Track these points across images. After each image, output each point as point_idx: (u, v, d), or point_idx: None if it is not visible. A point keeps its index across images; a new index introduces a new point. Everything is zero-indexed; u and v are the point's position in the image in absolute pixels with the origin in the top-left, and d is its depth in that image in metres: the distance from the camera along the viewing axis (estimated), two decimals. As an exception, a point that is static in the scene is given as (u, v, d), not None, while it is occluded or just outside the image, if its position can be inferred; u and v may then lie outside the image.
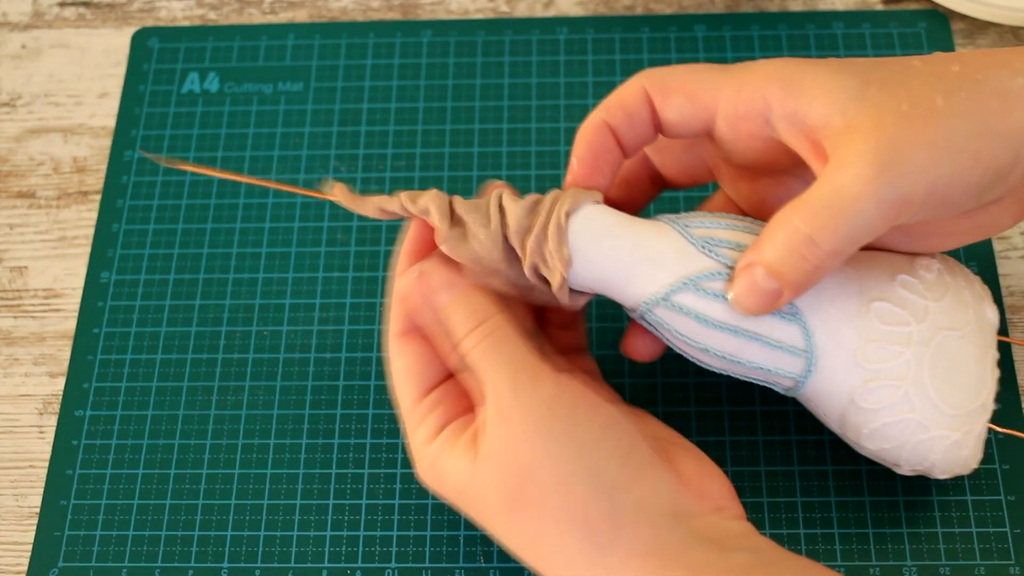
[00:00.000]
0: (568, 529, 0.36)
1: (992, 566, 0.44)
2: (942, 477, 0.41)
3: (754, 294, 0.37)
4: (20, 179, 0.56)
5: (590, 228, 0.39)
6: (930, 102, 0.36)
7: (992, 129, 0.36)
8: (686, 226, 0.39)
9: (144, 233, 0.53)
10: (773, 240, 0.37)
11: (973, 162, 0.36)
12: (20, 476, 0.48)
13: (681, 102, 0.40)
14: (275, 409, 0.49)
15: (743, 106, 0.39)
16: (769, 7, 0.58)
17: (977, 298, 0.41)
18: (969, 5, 0.56)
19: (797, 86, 0.38)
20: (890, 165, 0.35)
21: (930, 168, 0.36)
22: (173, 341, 0.51)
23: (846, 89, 0.37)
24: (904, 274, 0.40)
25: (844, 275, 0.39)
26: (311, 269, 0.52)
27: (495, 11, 0.59)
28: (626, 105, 0.40)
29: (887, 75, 0.38)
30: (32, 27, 0.60)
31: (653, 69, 0.41)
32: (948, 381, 0.39)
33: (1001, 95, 0.37)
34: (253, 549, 0.46)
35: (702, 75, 0.40)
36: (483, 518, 0.38)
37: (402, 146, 0.55)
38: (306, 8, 0.60)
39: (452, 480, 0.38)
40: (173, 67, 0.58)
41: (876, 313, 0.39)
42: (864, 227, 0.36)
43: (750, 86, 0.39)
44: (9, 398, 0.50)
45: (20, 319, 0.52)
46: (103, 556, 0.46)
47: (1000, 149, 0.36)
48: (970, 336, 0.40)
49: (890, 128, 0.36)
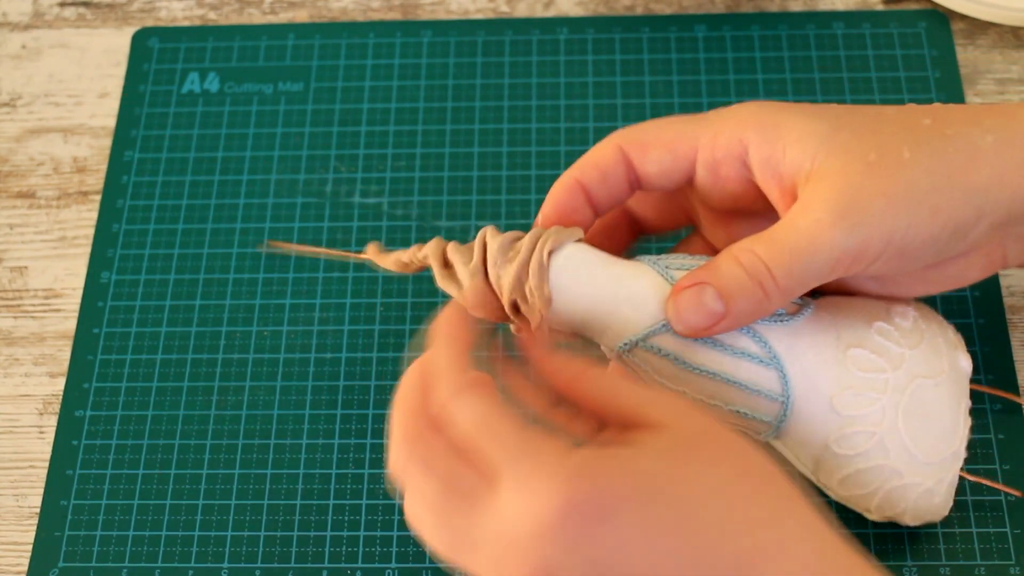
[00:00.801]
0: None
1: (992, 566, 0.44)
2: (912, 524, 0.41)
3: (699, 313, 0.38)
4: (20, 179, 0.56)
5: (572, 267, 0.39)
6: (897, 153, 0.37)
7: (955, 185, 0.37)
8: (666, 267, 0.39)
9: (144, 233, 0.53)
10: (730, 265, 0.37)
11: (931, 215, 0.37)
12: (20, 476, 0.48)
13: (661, 155, 0.40)
14: (275, 409, 0.49)
15: (721, 151, 0.39)
16: (769, 7, 0.58)
17: (951, 346, 0.41)
18: (969, 5, 0.56)
19: (773, 131, 0.38)
20: (847, 213, 0.36)
21: (887, 218, 0.36)
22: (173, 341, 0.51)
23: (817, 134, 0.38)
24: (880, 321, 0.40)
25: (821, 322, 0.40)
26: (311, 269, 0.52)
27: (495, 11, 0.59)
28: (600, 165, 0.41)
29: (859, 122, 0.38)
30: (32, 27, 0.60)
31: (626, 128, 0.41)
32: (922, 429, 0.39)
33: (968, 152, 0.37)
34: (253, 549, 0.46)
35: (678, 126, 0.40)
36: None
37: (402, 146, 0.55)
38: (306, 8, 0.60)
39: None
40: (173, 67, 0.58)
41: (853, 360, 0.39)
42: (817, 270, 0.37)
43: (727, 132, 0.39)
44: (9, 398, 0.50)
45: (20, 319, 0.52)
46: (103, 556, 0.46)
47: (960, 204, 0.37)
48: (944, 384, 0.40)
49: (853, 176, 0.36)
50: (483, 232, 0.40)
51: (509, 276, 0.39)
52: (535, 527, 0.32)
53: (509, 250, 0.39)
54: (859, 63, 0.56)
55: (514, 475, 0.33)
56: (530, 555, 0.33)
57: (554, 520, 0.32)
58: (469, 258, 0.40)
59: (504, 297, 0.39)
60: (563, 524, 0.32)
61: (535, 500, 0.32)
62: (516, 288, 0.39)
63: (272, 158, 0.55)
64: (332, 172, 0.55)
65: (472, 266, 0.39)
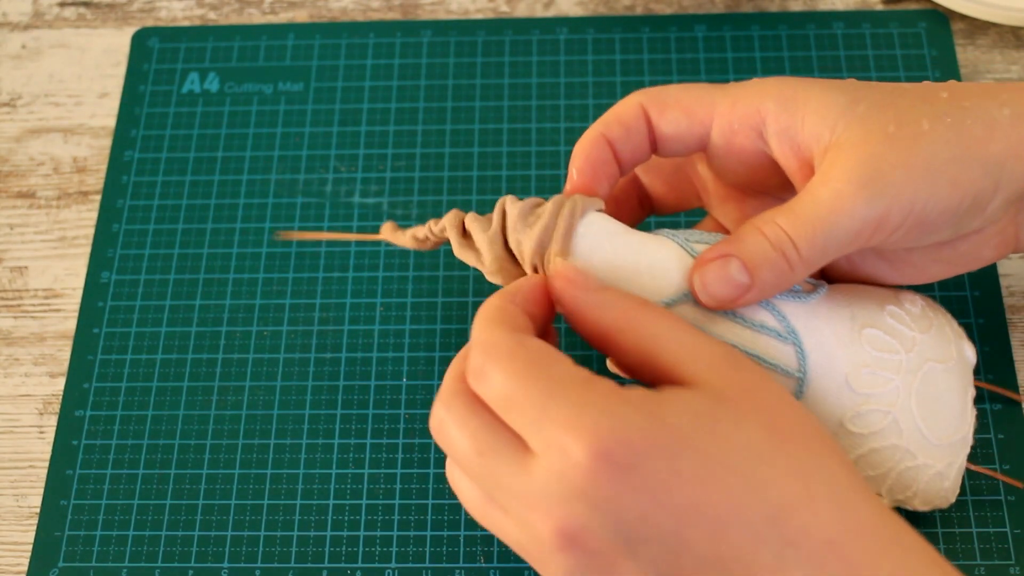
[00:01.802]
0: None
1: (992, 566, 0.44)
2: (921, 508, 0.41)
3: (725, 285, 0.38)
4: (20, 179, 0.56)
5: (593, 234, 0.39)
6: (916, 124, 0.37)
7: (973, 156, 0.37)
8: (687, 240, 0.40)
9: (144, 233, 0.53)
10: (755, 237, 0.38)
11: (951, 187, 0.37)
12: (20, 476, 0.48)
13: (678, 116, 0.40)
14: (275, 409, 0.49)
15: (738, 120, 0.39)
16: (769, 7, 0.58)
17: (957, 335, 0.42)
18: (969, 5, 0.56)
19: (791, 103, 0.39)
20: (869, 184, 0.36)
21: (908, 188, 0.37)
22: (173, 341, 0.51)
23: (837, 106, 0.38)
24: (892, 305, 0.41)
25: (836, 302, 0.40)
26: (311, 269, 0.52)
27: (495, 11, 0.59)
28: (624, 120, 0.41)
29: (877, 95, 0.38)
30: (32, 27, 0.60)
31: (649, 88, 0.41)
32: (934, 411, 0.39)
33: (985, 123, 0.37)
34: (253, 549, 0.46)
35: (698, 91, 0.41)
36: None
37: (402, 146, 0.55)
38: (306, 8, 0.60)
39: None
40: (173, 67, 0.58)
41: (868, 339, 0.39)
42: (839, 240, 0.37)
43: (745, 100, 0.39)
44: (9, 398, 0.50)
45: (20, 319, 0.52)
46: (103, 556, 0.46)
47: (979, 175, 0.37)
48: (953, 370, 0.40)
49: (874, 147, 0.37)
50: (502, 200, 0.40)
51: (531, 241, 0.39)
52: (561, 483, 0.33)
53: (529, 215, 0.39)
54: (859, 63, 0.56)
55: (542, 431, 0.33)
56: (555, 511, 0.33)
57: (579, 474, 0.32)
58: (487, 227, 0.40)
59: (525, 263, 0.39)
60: (589, 478, 0.32)
61: (561, 455, 0.33)
62: (537, 253, 0.39)
63: (272, 158, 0.55)
64: (332, 172, 0.55)
65: (491, 233, 0.40)
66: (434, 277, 0.51)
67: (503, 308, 0.37)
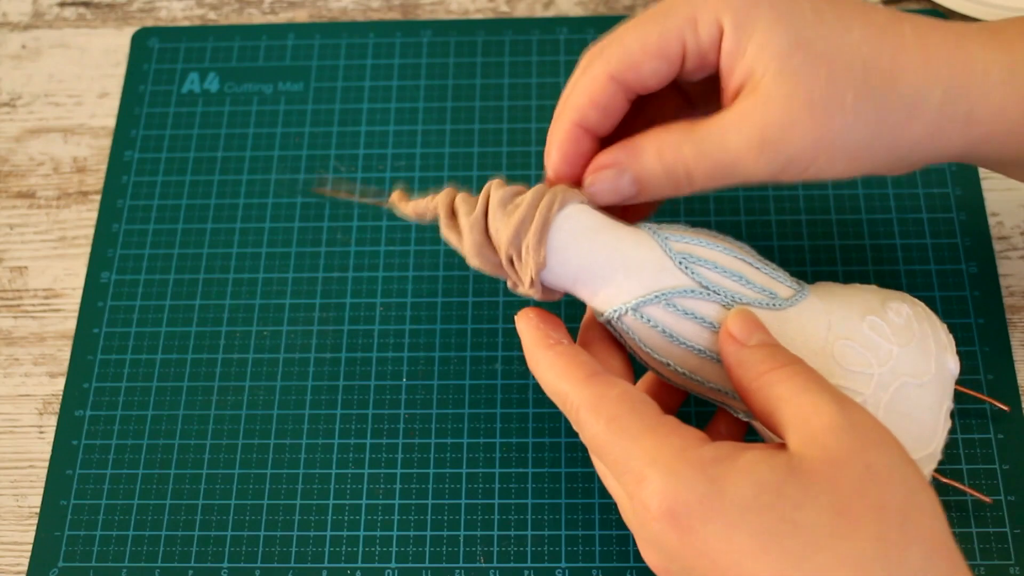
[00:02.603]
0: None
1: (992, 566, 0.44)
2: None
3: (612, 193, 0.40)
4: (20, 179, 0.56)
5: (570, 228, 0.39)
6: (840, 97, 0.37)
7: (884, 141, 0.38)
8: (666, 238, 0.39)
9: (144, 233, 0.53)
10: (653, 159, 0.39)
11: (849, 163, 0.38)
12: (20, 476, 0.48)
13: (656, 65, 0.39)
14: (275, 409, 0.49)
15: (705, 40, 0.39)
16: (769, 7, 0.58)
17: (941, 347, 0.41)
18: (969, 5, 0.56)
19: (743, 28, 0.38)
20: (770, 147, 0.37)
21: (806, 159, 0.38)
22: (173, 341, 0.51)
23: (777, 48, 0.38)
24: (874, 316, 0.40)
25: (814, 310, 0.39)
26: (311, 269, 0.52)
27: (495, 11, 0.59)
28: (598, 102, 0.40)
29: (822, 41, 0.38)
30: (32, 27, 0.60)
31: (603, 50, 0.40)
32: (902, 428, 0.39)
33: (912, 104, 0.38)
34: (253, 549, 0.46)
35: (658, 25, 0.39)
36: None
37: (402, 146, 0.55)
38: (306, 8, 0.60)
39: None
40: (173, 67, 0.58)
41: (841, 353, 0.39)
42: (732, 181, 0.39)
43: (705, 16, 0.38)
44: (9, 398, 0.50)
45: (20, 319, 0.52)
46: (103, 556, 0.46)
47: (883, 157, 0.38)
48: (929, 385, 0.40)
49: (791, 113, 0.37)
50: (489, 183, 0.40)
51: (508, 230, 0.39)
52: (643, 528, 0.35)
53: (509, 203, 0.39)
54: (859, 63, 0.56)
55: (623, 479, 0.35)
56: (645, 545, 0.36)
57: (651, 523, 0.34)
58: (470, 208, 0.40)
59: (501, 252, 0.39)
60: (658, 529, 0.34)
61: (640, 504, 0.34)
62: (513, 244, 0.39)
63: (272, 158, 0.55)
64: (332, 172, 0.55)
65: (472, 217, 0.40)
66: (434, 277, 0.51)
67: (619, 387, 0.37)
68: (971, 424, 0.46)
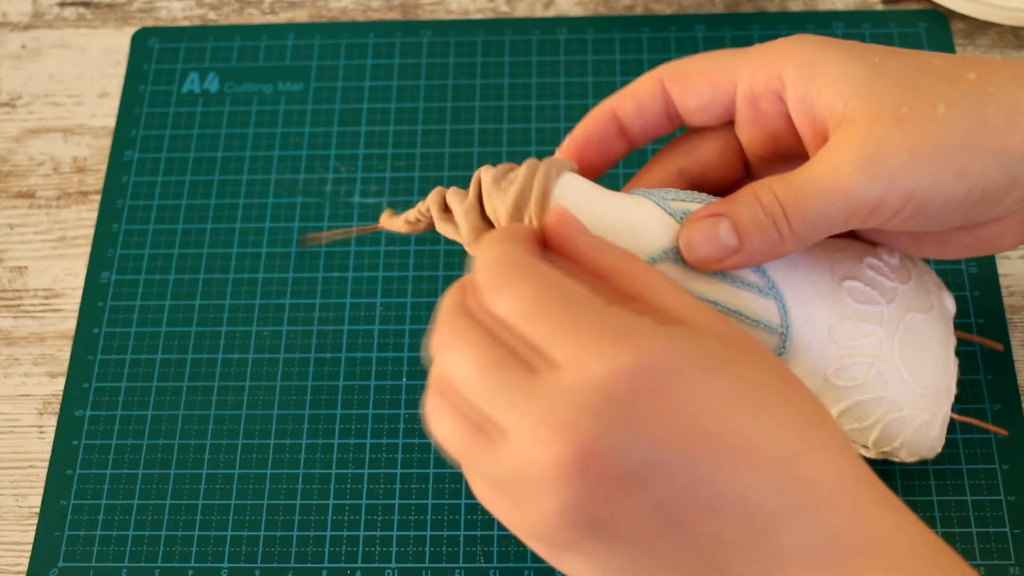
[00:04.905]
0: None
1: (992, 566, 0.44)
2: (908, 460, 0.41)
3: (711, 245, 0.37)
4: (20, 179, 0.56)
5: (571, 194, 0.39)
6: (931, 108, 0.36)
7: (987, 147, 0.36)
8: (664, 198, 0.39)
9: (144, 233, 0.53)
10: (750, 202, 0.37)
11: (957, 177, 0.36)
12: (20, 476, 0.48)
13: (701, 88, 0.40)
14: (275, 409, 0.49)
15: (760, 85, 0.39)
16: (769, 7, 0.58)
17: (936, 286, 0.42)
18: (969, 5, 0.56)
19: (811, 69, 0.38)
20: (868, 165, 0.35)
21: (909, 174, 0.35)
22: (173, 341, 0.51)
23: (854, 79, 0.37)
24: (871, 257, 0.40)
25: (814, 254, 0.40)
26: (311, 269, 0.52)
27: (495, 11, 0.59)
28: (638, 96, 0.40)
29: (900, 70, 0.37)
30: (32, 27, 0.60)
31: (671, 62, 0.41)
32: (917, 361, 0.39)
33: (1008, 112, 0.36)
34: (253, 549, 0.46)
35: (720, 59, 0.40)
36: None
37: (402, 146, 0.55)
38: (306, 8, 0.60)
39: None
40: (173, 67, 0.58)
41: (848, 291, 0.39)
42: (830, 218, 0.36)
43: (767, 66, 0.39)
44: (9, 398, 0.50)
45: (20, 319, 0.52)
46: (103, 556, 0.46)
47: (991, 168, 0.36)
48: (935, 319, 0.40)
49: (881, 128, 0.36)
50: (478, 172, 0.40)
51: (507, 205, 0.39)
52: (591, 394, 0.31)
53: (502, 180, 0.39)
54: (859, 63, 0.56)
55: (575, 339, 0.32)
56: (574, 429, 0.31)
57: (619, 384, 0.31)
58: (462, 197, 0.40)
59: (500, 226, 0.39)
60: (627, 390, 0.31)
61: (599, 363, 0.31)
62: (514, 217, 0.39)
63: (272, 158, 0.55)
64: (332, 172, 0.55)
65: (467, 203, 0.40)
66: (434, 277, 0.51)
67: (513, 230, 0.36)
68: (971, 424, 0.46)
